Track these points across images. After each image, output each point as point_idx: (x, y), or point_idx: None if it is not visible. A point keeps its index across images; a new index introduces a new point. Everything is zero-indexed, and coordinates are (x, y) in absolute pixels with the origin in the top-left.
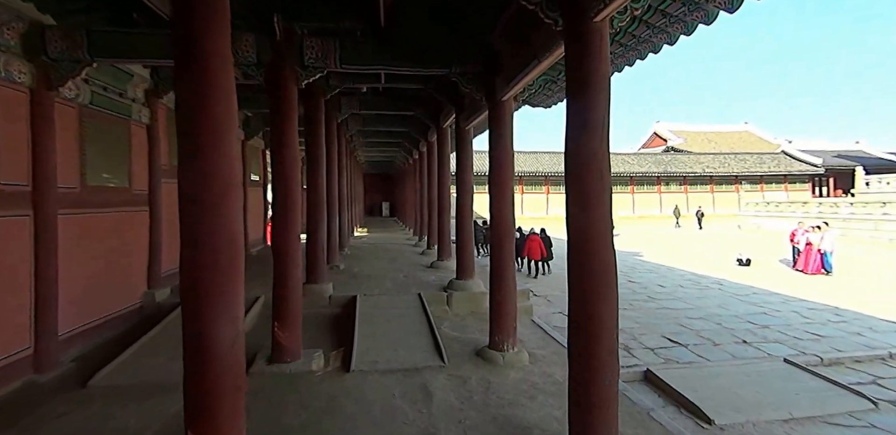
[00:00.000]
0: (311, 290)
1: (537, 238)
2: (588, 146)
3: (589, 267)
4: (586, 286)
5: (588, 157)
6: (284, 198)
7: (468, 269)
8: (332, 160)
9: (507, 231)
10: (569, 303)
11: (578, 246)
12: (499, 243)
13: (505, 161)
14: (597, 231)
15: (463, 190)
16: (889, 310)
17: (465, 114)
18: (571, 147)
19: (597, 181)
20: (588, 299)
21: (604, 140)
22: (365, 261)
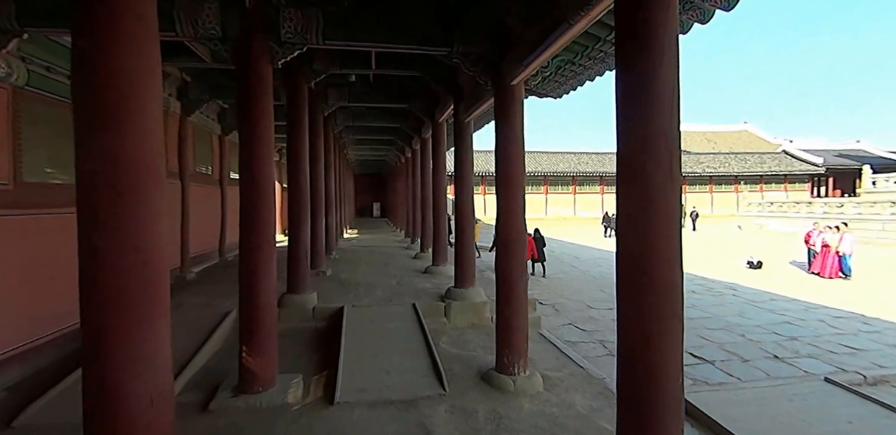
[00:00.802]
0: (292, 301)
1: (530, 238)
2: (653, 126)
3: (648, 289)
4: (645, 315)
5: (652, 141)
6: (252, 196)
7: (468, 276)
8: (318, 156)
9: (517, 236)
10: (618, 335)
11: (633, 262)
12: (508, 249)
13: (514, 156)
14: (660, 242)
15: (462, 189)
16: None
17: (465, 104)
18: (627, 127)
19: (664, 174)
20: (646, 333)
21: (674, 117)
22: (354, 265)
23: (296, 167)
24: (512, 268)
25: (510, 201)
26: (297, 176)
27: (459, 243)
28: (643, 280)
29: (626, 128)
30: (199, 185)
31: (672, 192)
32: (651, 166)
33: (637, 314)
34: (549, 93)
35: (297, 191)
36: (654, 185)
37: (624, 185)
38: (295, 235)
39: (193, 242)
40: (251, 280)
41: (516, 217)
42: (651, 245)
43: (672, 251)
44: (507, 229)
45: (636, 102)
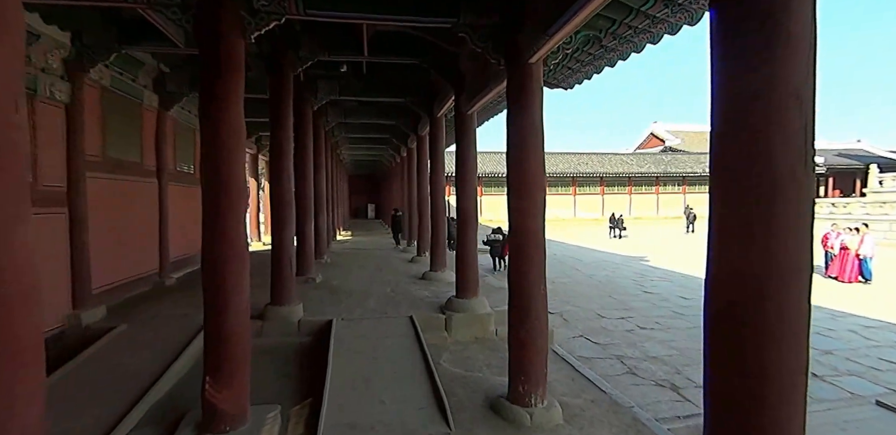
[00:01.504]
0: (276, 313)
1: None
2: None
3: (765, 334)
4: (767, 369)
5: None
6: (216, 197)
7: (470, 285)
8: (306, 153)
9: (535, 242)
10: (708, 377)
11: (741, 297)
12: (524, 257)
13: (532, 149)
14: (784, 270)
15: (464, 189)
16: None
17: (468, 94)
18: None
19: (796, 158)
20: (761, 397)
21: (810, 72)
22: (346, 271)
23: (279, 164)
24: (528, 279)
25: (526, 201)
26: (281, 174)
27: (462, 248)
28: (756, 320)
29: (735, 88)
30: (179, 184)
31: (806, 188)
32: (778, 145)
33: (748, 367)
34: (561, 82)
35: (280, 190)
36: (781, 175)
37: (726, 180)
38: (279, 239)
39: (173, 245)
40: (217, 300)
41: (534, 219)
42: (769, 272)
43: (802, 284)
44: (524, 233)
45: (757, 43)
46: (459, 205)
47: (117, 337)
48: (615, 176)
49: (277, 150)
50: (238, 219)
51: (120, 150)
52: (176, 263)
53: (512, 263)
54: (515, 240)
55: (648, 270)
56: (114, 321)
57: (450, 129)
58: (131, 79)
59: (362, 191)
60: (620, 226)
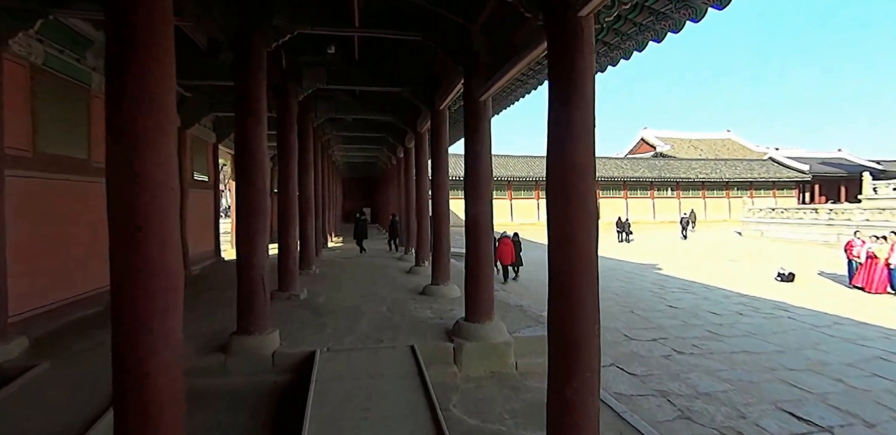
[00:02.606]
0: (243, 345)
1: (509, 242)
2: None
3: None
4: None
5: None
6: (132, 195)
7: (484, 307)
8: (288, 151)
9: (586, 265)
10: None
11: None
12: (573, 289)
13: (581, 136)
14: None
15: (476, 192)
16: None
17: (482, 76)
18: None
19: None
20: None
21: None
22: (336, 284)
23: (248, 160)
24: (579, 319)
25: (572, 210)
26: (251, 173)
27: (474, 263)
28: None
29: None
30: None
31: None
32: None
33: None
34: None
35: (249, 194)
36: None
37: None
38: (247, 254)
39: None
40: (134, 354)
41: (586, 236)
42: None
43: None
44: (573, 255)
45: None
46: (470, 211)
47: (35, 379)
48: (610, 180)
49: (245, 142)
50: (165, 226)
51: (58, 143)
52: None
53: (555, 296)
54: (560, 264)
55: (664, 280)
56: (36, 358)
57: (454, 126)
58: (75, 59)
59: (357, 194)
60: (627, 230)
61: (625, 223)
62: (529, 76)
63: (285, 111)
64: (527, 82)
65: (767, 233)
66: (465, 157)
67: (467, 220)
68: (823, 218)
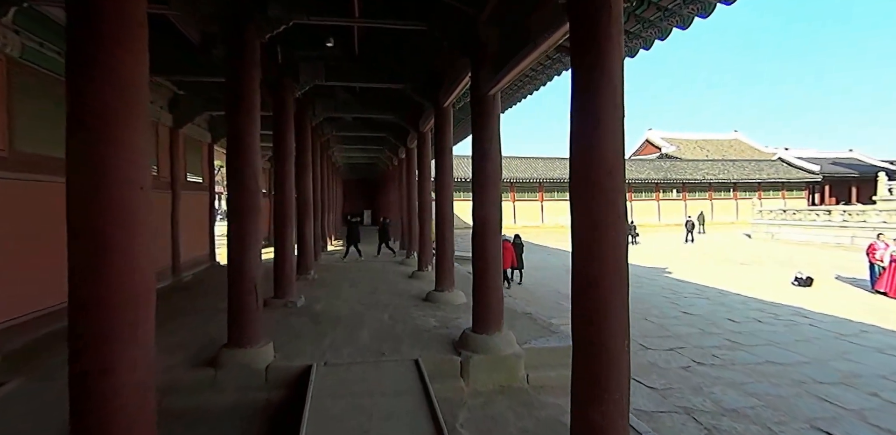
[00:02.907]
0: (234, 359)
1: (510, 245)
2: None
3: None
4: None
5: None
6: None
7: (493, 317)
8: (286, 149)
9: (616, 272)
10: None
11: None
12: (600, 299)
13: (609, 128)
14: None
15: (483, 192)
16: None
17: (491, 67)
18: None
19: None
20: None
21: None
22: (335, 290)
23: (240, 160)
24: (606, 332)
25: (600, 212)
26: (245, 175)
27: (481, 268)
28: None
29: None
30: None
31: None
32: None
33: None
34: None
35: (242, 195)
36: None
37: None
38: (239, 260)
39: None
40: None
41: (615, 238)
42: None
43: None
44: (600, 259)
45: None
46: (477, 212)
47: (6, 398)
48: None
49: (237, 139)
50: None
51: (37, 142)
52: None
53: (580, 308)
54: (585, 272)
55: (676, 285)
56: (5, 375)
57: (458, 124)
58: (56, 51)
59: (357, 196)
60: (634, 232)
61: (631, 226)
62: (539, 72)
63: (282, 108)
64: (535, 78)
65: (778, 235)
66: (473, 155)
67: (475, 222)
68: (837, 220)
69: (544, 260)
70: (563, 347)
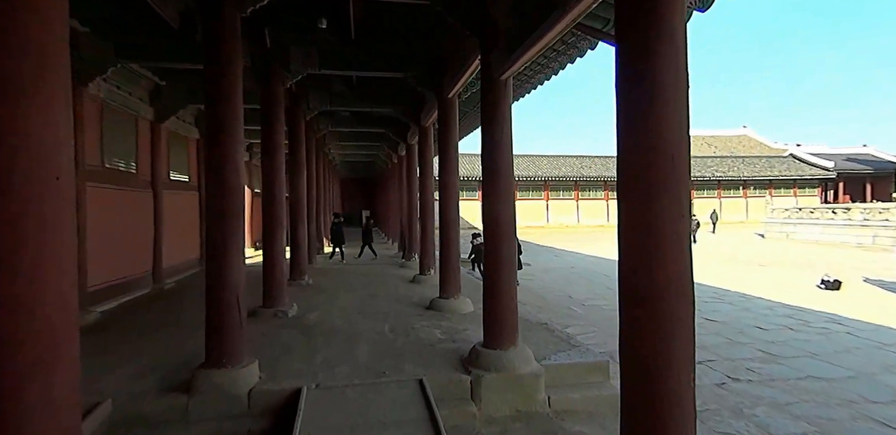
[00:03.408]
0: (212, 382)
1: None
2: None
3: None
4: None
5: None
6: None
7: (507, 330)
8: (275, 144)
9: (681, 290)
10: None
11: None
12: (662, 319)
13: (671, 102)
14: None
15: (495, 188)
16: None
17: (504, 48)
18: None
19: None
20: None
21: None
22: (331, 297)
23: (220, 154)
24: (669, 359)
25: (657, 199)
26: (225, 170)
27: (492, 274)
28: None
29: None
30: (110, 186)
31: None
32: None
33: None
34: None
35: (221, 193)
36: None
37: None
38: (217, 268)
39: (100, 263)
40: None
41: (678, 246)
42: None
43: None
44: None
45: None
46: (489, 210)
47: None
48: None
49: (216, 131)
50: (49, 241)
51: None
52: (109, 288)
53: (633, 328)
54: (640, 283)
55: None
56: None
57: (463, 118)
58: None
59: (356, 196)
60: None
61: None
62: (551, 59)
63: (271, 99)
64: (547, 66)
65: (794, 235)
66: (483, 148)
67: (486, 222)
68: (857, 218)
69: (551, 262)
70: (586, 364)
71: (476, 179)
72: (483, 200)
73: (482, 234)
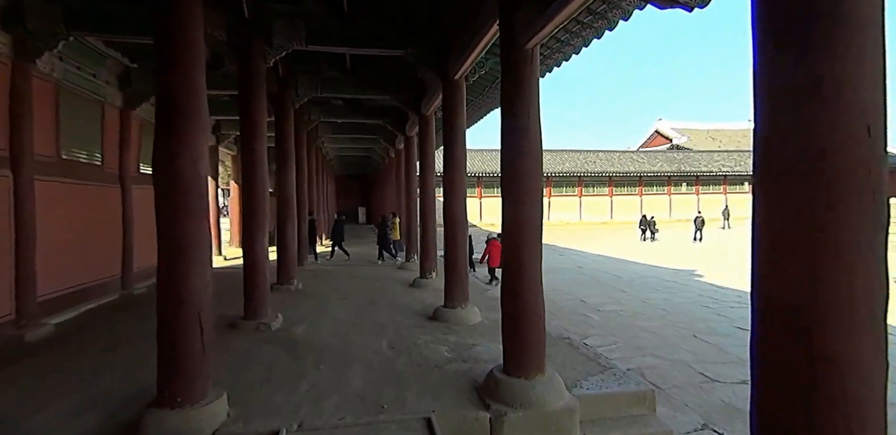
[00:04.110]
0: (163, 426)
1: (498, 244)
2: None
3: None
4: None
5: None
6: None
7: (532, 354)
8: (255, 131)
9: (869, 318)
10: None
11: None
12: (830, 345)
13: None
14: None
15: (518, 185)
16: None
17: (533, 5)
18: None
19: None
20: None
21: None
22: (321, 305)
23: (176, 144)
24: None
25: (826, 191)
26: (178, 158)
27: (515, 289)
28: None
29: None
30: (68, 180)
31: None
32: None
33: None
34: None
35: (180, 188)
36: None
37: None
38: (174, 279)
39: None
40: None
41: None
42: None
43: None
44: (811, 272)
45: None
46: (510, 211)
47: None
48: (624, 175)
49: (169, 110)
50: None
51: None
52: (67, 296)
53: (776, 366)
54: (780, 296)
55: (714, 291)
56: None
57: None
58: None
59: (352, 193)
60: (652, 228)
61: (650, 221)
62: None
63: (251, 78)
64: (568, 43)
65: None
66: (503, 134)
67: (506, 223)
68: None
69: (557, 261)
70: (627, 394)
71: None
72: (504, 199)
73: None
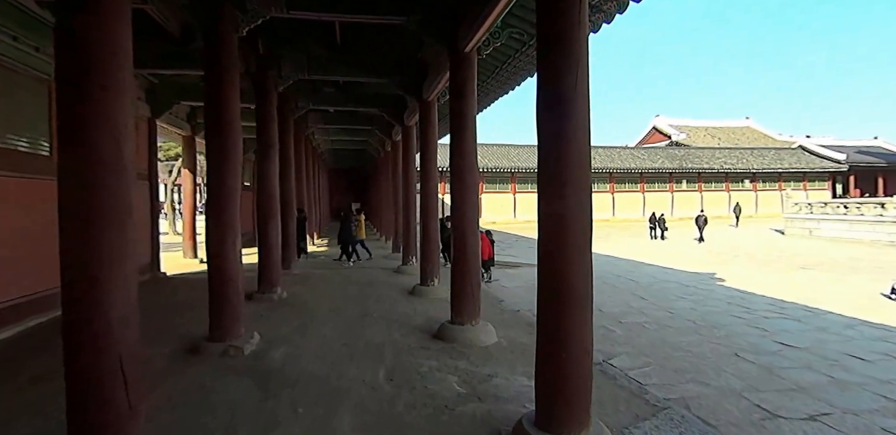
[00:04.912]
0: None
1: (486, 238)
2: None
3: None
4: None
5: None
6: None
7: (575, 403)
8: (225, 114)
9: None
10: None
11: None
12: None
13: None
14: None
15: (560, 178)
16: None
17: None
18: None
19: None
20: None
21: None
22: (308, 318)
23: (95, 126)
24: None
25: None
26: (91, 141)
27: (559, 313)
28: None
29: None
30: (7, 172)
31: None
32: None
33: None
34: None
35: (102, 184)
36: None
37: None
38: (84, 308)
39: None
40: None
41: None
42: None
43: None
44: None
45: None
46: (547, 208)
47: None
48: (626, 172)
49: (76, 74)
50: None
51: None
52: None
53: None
54: None
55: (742, 299)
56: None
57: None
58: None
59: (346, 188)
60: (662, 226)
61: (659, 219)
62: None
63: (218, 46)
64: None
65: (817, 231)
66: (539, 110)
67: (543, 224)
68: (871, 215)
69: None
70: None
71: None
72: (540, 193)
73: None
